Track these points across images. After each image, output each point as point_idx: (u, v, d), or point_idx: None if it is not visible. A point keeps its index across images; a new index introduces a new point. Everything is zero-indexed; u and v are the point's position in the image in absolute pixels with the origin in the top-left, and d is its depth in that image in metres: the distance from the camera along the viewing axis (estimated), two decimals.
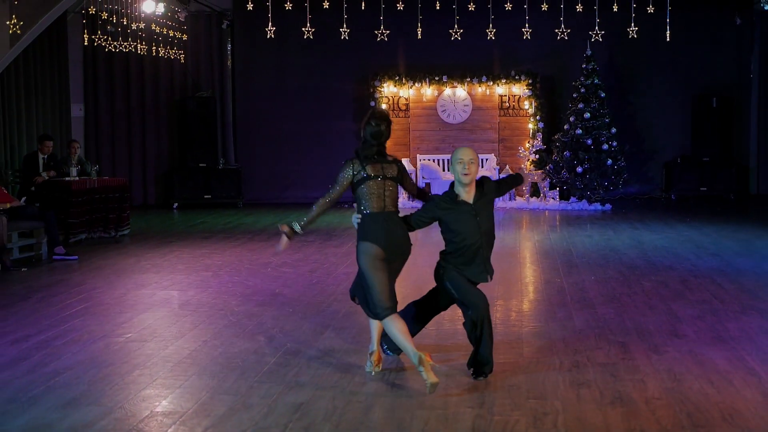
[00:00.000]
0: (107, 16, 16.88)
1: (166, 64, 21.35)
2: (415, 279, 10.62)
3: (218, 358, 8.13)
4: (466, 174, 7.36)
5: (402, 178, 7.68)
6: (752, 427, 6.24)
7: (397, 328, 7.12)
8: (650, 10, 14.48)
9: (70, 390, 7.13)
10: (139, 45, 18.12)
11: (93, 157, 20.38)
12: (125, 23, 17.15)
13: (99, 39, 17.54)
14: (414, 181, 8.25)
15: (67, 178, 15.35)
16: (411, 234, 7.62)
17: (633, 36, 14.74)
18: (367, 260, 7.43)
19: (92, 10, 17.41)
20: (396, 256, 7.54)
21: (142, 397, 7.00)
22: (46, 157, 15.60)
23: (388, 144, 7.77)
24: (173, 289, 11.42)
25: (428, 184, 20.71)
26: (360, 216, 7.68)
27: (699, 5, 21.17)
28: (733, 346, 8.35)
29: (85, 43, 18.43)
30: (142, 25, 17.74)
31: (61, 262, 13.40)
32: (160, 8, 17.91)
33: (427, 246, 9.66)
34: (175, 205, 20.98)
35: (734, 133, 22.53)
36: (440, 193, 7.72)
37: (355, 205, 7.77)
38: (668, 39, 15.24)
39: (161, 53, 19.15)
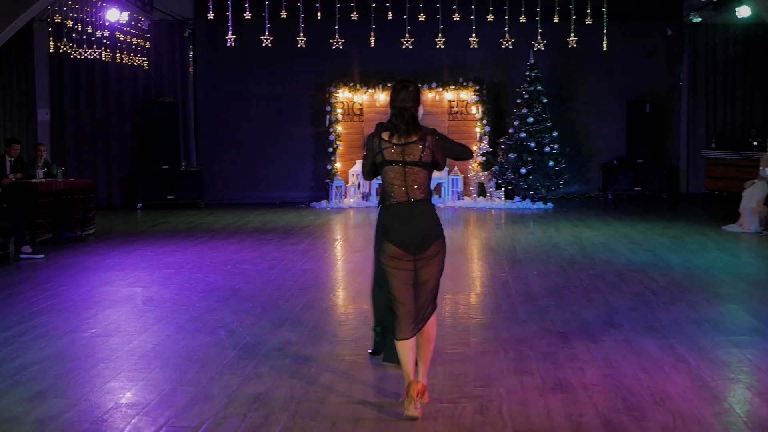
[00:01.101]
0: (72, 24, 16.70)
1: (130, 71, 21.16)
2: None
3: (180, 351, 8.07)
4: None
5: (433, 158, 6.22)
6: (681, 409, 6.30)
7: (402, 354, 6.24)
8: (588, 21, 14.59)
9: (37, 383, 7.05)
10: (103, 52, 17.94)
11: (59, 159, 20.15)
12: (90, 31, 16.97)
13: (64, 46, 17.35)
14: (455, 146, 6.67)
15: (33, 180, 15.15)
16: None
17: (573, 46, 14.84)
18: (382, 260, 6.33)
19: (58, 19, 17.22)
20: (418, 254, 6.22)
21: (107, 390, 6.93)
22: (13, 159, 15.39)
23: (343, 146, 7.55)
24: (137, 286, 11.32)
25: (381, 184, 20.64)
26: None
27: (633, 18, 21.29)
28: (664, 335, 8.43)
29: (51, 50, 18.21)
30: (106, 33, 17.58)
31: (28, 261, 13.22)
32: (124, 17, 17.75)
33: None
34: (139, 205, 20.80)
35: (665, 136, 22.72)
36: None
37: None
38: (605, 49, 15.38)
39: (125, 60, 18.99)
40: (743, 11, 19.10)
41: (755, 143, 21.00)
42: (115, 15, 17.40)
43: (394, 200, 6.23)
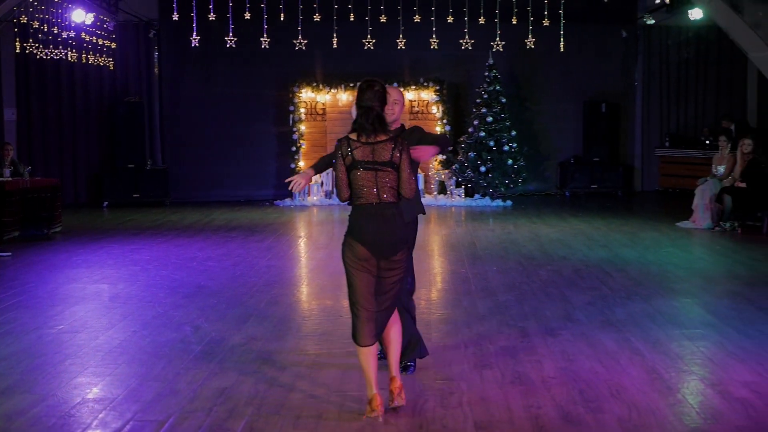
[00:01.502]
0: (38, 25, 16.54)
1: (96, 71, 20.99)
2: None
3: (146, 347, 8.04)
4: (388, 114, 6.53)
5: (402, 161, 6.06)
6: (637, 401, 6.35)
7: (363, 361, 6.09)
8: (546, 23, 14.65)
9: (4, 379, 6.99)
10: (69, 52, 17.78)
11: (25, 158, 19.94)
12: (56, 32, 16.82)
13: (30, 47, 17.18)
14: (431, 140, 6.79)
15: (0, 179, 15.01)
16: None
17: (531, 47, 14.90)
18: (346, 260, 6.15)
19: (24, 20, 17.05)
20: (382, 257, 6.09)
21: (74, 385, 6.89)
22: None
23: (306, 144, 7.49)
24: (103, 283, 11.24)
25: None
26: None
27: (589, 19, 21.40)
28: (620, 329, 8.49)
29: (17, 51, 18.03)
30: (72, 34, 17.43)
31: None
32: (89, 18, 17.60)
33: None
34: (105, 203, 20.64)
35: (621, 136, 22.88)
36: None
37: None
38: (562, 50, 15.46)
39: (91, 60, 18.83)
40: (695, 14, 19.25)
41: (707, 142, 21.20)
42: (80, 16, 17.24)
43: (364, 200, 6.05)
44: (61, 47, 17.50)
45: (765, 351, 7.66)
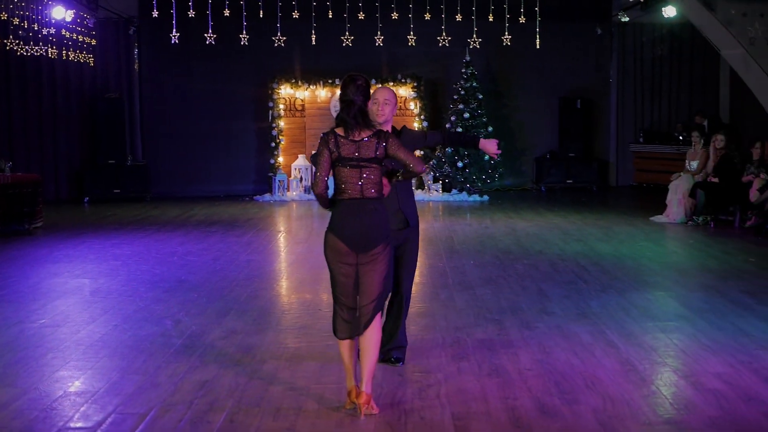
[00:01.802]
0: (18, 21, 16.42)
1: (76, 68, 20.86)
2: None
3: (127, 341, 8.02)
4: (378, 114, 6.67)
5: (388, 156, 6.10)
6: (611, 392, 6.39)
7: (343, 353, 6.11)
8: (522, 20, 14.68)
9: None
10: (50, 49, 17.66)
11: (6, 154, 19.80)
12: (36, 29, 16.70)
13: (11, 43, 17.06)
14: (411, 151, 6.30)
15: None
16: None
17: (507, 44, 14.91)
18: (327, 253, 6.12)
19: (4, 17, 16.92)
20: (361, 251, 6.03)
21: (56, 379, 6.87)
22: None
23: (286, 140, 7.43)
24: (85, 278, 11.19)
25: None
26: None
27: (564, 17, 21.45)
28: (594, 321, 8.54)
29: None
30: (52, 31, 17.31)
31: None
32: (69, 15, 17.50)
33: None
34: (86, 199, 20.53)
35: (595, 131, 22.95)
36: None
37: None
38: (538, 47, 15.48)
39: (71, 57, 18.71)
40: (669, 11, 19.31)
41: (681, 138, 21.31)
42: (60, 13, 17.13)
43: (347, 195, 5.99)
44: (41, 44, 17.38)
45: (737, 343, 7.71)
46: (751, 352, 7.41)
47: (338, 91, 19.42)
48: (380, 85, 6.80)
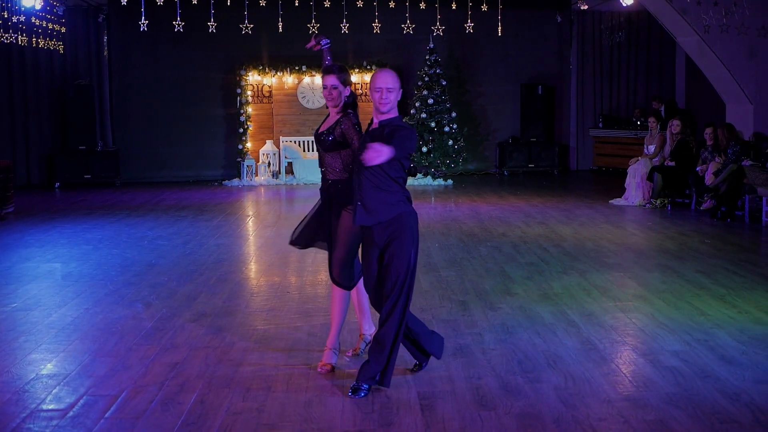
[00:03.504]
0: None
1: (46, 55, 20.64)
2: None
3: (99, 324, 7.96)
4: (383, 102, 6.31)
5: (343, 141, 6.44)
6: (572, 370, 6.42)
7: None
8: (484, 8, 14.66)
9: None
10: (20, 37, 17.45)
11: None
12: (6, 16, 16.48)
13: None
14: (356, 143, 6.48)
15: None
16: None
17: (470, 31, 14.89)
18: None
19: None
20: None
21: (28, 362, 6.80)
22: None
23: (254, 126, 7.40)
24: (56, 262, 11.09)
25: (290, 164, 20.59)
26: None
27: (525, 5, 21.49)
28: (556, 302, 8.58)
29: None
30: (22, 18, 17.09)
31: None
32: (39, 3, 17.28)
33: None
34: (57, 184, 20.35)
35: (557, 117, 23.03)
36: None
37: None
38: (500, 34, 15.50)
39: (41, 44, 18.50)
40: (627, 0, 19.38)
41: (638, 123, 21.44)
42: (30, 1, 16.93)
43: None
44: (11, 32, 17.16)
45: (693, 322, 7.78)
46: (707, 331, 7.48)
47: (305, 78, 19.04)
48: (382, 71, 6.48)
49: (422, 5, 15.07)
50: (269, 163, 20.54)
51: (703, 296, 8.78)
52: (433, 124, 20.29)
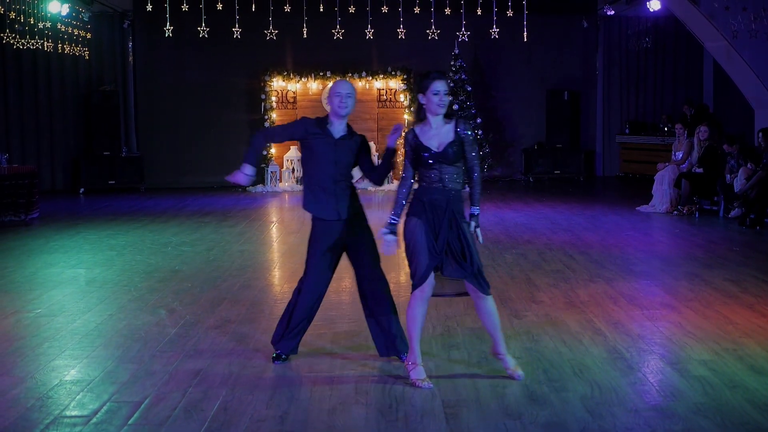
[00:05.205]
0: (15, 15, 16.33)
1: (72, 61, 20.78)
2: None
3: (122, 330, 7.98)
4: (342, 107, 6.97)
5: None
6: (599, 379, 6.38)
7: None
8: (510, 14, 14.63)
9: None
10: (45, 43, 17.59)
11: (3, 146, 19.73)
12: (32, 22, 16.61)
13: (7, 37, 16.97)
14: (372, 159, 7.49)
15: None
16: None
17: (495, 37, 14.86)
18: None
19: (1, 11, 16.83)
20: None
21: (52, 368, 6.83)
22: None
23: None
24: (80, 268, 11.15)
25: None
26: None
27: (551, 10, 21.44)
28: (582, 310, 8.52)
29: None
30: (48, 24, 17.23)
31: None
32: (65, 9, 17.42)
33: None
34: (82, 190, 20.47)
35: (582, 122, 22.97)
36: None
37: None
38: (525, 40, 15.44)
39: (67, 50, 18.64)
40: (654, 5, 19.28)
41: (666, 129, 21.32)
42: (56, 7, 17.06)
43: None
44: (37, 37, 17.30)
45: (721, 330, 7.71)
46: (735, 340, 7.41)
47: (329, 84, 18.91)
48: (342, 80, 6.84)
49: (447, 11, 15.05)
50: (293, 168, 20.59)
51: (732, 305, 8.70)
52: None
